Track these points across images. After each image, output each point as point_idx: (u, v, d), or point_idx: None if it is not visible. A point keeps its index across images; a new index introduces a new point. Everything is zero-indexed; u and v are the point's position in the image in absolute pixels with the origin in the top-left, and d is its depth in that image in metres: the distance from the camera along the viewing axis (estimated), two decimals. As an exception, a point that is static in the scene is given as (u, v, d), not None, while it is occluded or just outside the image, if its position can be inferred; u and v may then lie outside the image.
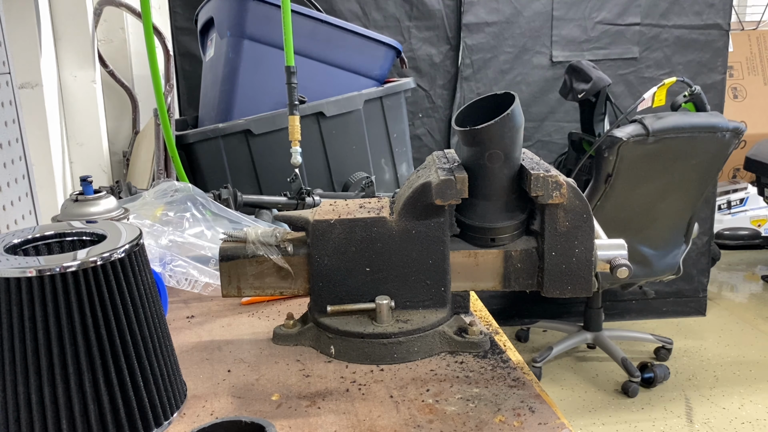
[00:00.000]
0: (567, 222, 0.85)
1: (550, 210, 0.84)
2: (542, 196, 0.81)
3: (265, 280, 0.94)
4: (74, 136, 2.21)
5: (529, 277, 0.89)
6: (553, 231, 0.85)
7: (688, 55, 3.32)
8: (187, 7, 2.88)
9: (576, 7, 3.19)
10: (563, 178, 0.82)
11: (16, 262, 0.67)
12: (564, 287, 0.87)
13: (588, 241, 0.85)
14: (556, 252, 0.86)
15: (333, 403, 0.79)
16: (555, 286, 0.88)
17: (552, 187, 0.81)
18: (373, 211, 0.93)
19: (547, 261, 0.87)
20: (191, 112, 2.70)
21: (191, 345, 0.97)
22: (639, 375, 2.89)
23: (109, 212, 1.09)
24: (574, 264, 0.86)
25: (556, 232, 0.85)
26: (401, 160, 2.27)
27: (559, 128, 3.32)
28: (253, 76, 2.07)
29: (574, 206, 0.84)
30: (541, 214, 0.86)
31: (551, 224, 0.85)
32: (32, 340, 0.64)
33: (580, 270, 0.86)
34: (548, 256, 0.86)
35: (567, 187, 0.82)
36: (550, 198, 0.81)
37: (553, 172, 0.83)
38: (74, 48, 2.17)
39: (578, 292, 0.87)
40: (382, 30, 3.00)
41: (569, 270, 0.86)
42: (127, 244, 0.70)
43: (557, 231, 0.85)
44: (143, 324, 0.71)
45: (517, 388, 0.81)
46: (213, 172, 1.98)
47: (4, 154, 1.33)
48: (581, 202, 0.84)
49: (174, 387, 0.76)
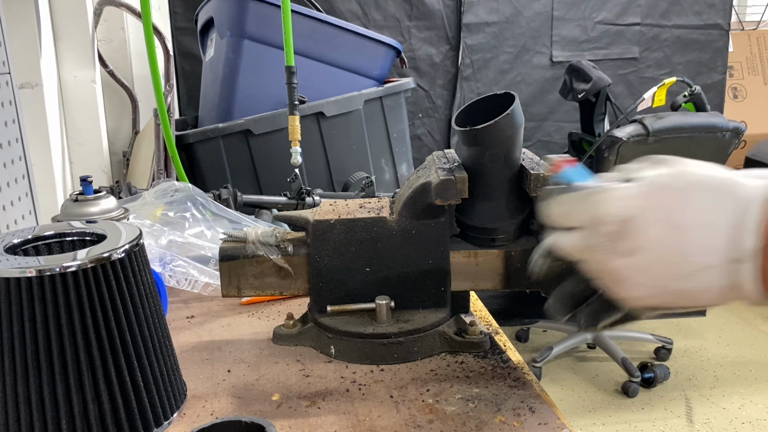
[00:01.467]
0: (567, 222, 0.84)
1: (551, 210, 0.84)
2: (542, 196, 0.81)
3: (265, 280, 0.94)
4: (74, 136, 2.21)
5: (530, 277, 0.89)
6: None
7: (688, 55, 3.32)
8: (187, 7, 2.88)
9: (576, 7, 3.19)
10: (563, 178, 0.82)
11: (16, 262, 0.67)
12: (564, 287, 0.87)
13: (588, 241, 0.85)
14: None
15: (333, 403, 0.79)
16: (555, 286, 0.87)
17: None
18: (373, 211, 0.92)
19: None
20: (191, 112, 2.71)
21: (191, 345, 0.97)
22: (639, 375, 2.89)
23: (109, 212, 1.08)
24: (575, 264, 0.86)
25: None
26: (401, 160, 2.27)
27: (559, 128, 3.32)
28: (253, 76, 2.07)
29: (574, 206, 0.84)
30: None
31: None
32: (32, 340, 0.64)
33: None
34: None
35: (567, 187, 0.82)
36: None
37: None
38: (74, 48, 2.17)
39: (578, 292, 0.87)
40: (382, 30, 3.00)
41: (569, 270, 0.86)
42: (127, 244, 0.70)
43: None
44: (143, 324, 0.71)
45: (517, 388, 0.81)
46: (213, 172, 1.98)
47: (3, 154, 1.32)
48: (581, 202, 0.84)
49: (174, 387, 0.76)
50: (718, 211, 0.47)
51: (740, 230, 0.46)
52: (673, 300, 0.51)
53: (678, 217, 0.49)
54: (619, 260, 0.51)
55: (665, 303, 0.51)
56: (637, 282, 0.51)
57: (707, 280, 0.48)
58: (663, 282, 0.50)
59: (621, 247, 0.51)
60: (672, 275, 0.49)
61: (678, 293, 0.50)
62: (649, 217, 0.50)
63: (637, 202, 0.50)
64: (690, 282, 0.49)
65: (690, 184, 0.49)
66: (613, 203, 0.52)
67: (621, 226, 0.51)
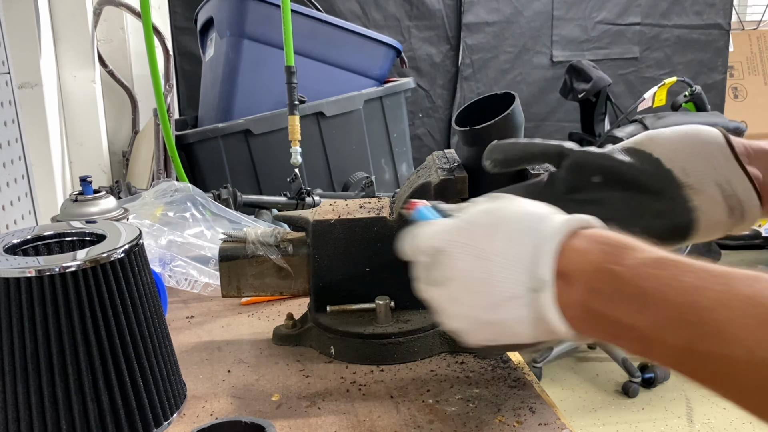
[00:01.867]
0: (567, 222, 0.84)
1: (551, 210, 0.84)
2: (542, 196, 0.81)
3: (264, 280, 0.94)
4: (74, 135, 2.21)
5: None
6: (554, 231, 0.85)
7: (689, 54, 3.32)
8: (186, 6, 2.88)
9: (576, 7, 3.19)
10: (564, 178, 0.82)
11: (16, 262, 0.67)
12: (564, 287, 0.87)
13: (588, 241, 0.85)
14: (556, 252, 0.86)
15: (333, 404, 0.79)
16: (555, 286, 0.87)
17: (552, 187, 0.81)
18: (373, 211, 0.92)
19: (547, 261, 0.86)
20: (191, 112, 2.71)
21: (191, 345, 0.97)
22: (639, 375, 2.88)
23: (109, 212, 1.08)
24: (575, 264, 0.86)
25: (556, 232, 0.85)
26: (401, 160, 2.27)
27: (559, 128, 3.32)
28: (253, 75, 2.07)
29: (575, 206, 0.84)
30: (542, 214, 0.85)
31: (551, 224, 0.85)
32: (32, 340, 0.64)
33: (580, 270, 0.86)
34: (549, 256, 0.86)
35: (567, 187, 0.81)
36: (550, 198, 0.81)
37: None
38: (74, 48, 2.17)
39: (579, 292, 0.87)
40: (382, 30, 3.00)
41: (570, 270, 0.86)
42: (126, 245, 0.70)
43: (558, 231, 0.85)
44: (143, 324, 0.71)
45: (517, 388, 0.81)
46: (213, 172, 1.98)
47: (3, 154, 1.32)
48: (582, 202, 0.84)
49: (174, 387, 0.76)
50: (521, 244, 0.50)
51: (538, 260, 0.49)
52: (491, 333, 0.53)
53: (484, 249, 0.51)
54: (434, 290, 0.55)
55: (485, 336, 0.53)
56: (453, 313, 0.54)
57: (514, 310, 0.50)
58: (474, 312, 0.52)
59: (434, 277, 0.55)
60: (481, 306, 0.52)
61: (491, 325, 0.52)
62: (456, 250, 0.53)
63: (448, 236, 0.54)
64: (499, 313, 0.51)
65: (498, 219, 0.53)
66: (426, 236, 0.56)
67: (432, 258, 0.55)
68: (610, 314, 0.46)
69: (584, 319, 0.48)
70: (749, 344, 0.39)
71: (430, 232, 0.56)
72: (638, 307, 0.45)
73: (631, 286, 0.45)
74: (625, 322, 0.46)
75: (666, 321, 0.43)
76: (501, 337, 0.52)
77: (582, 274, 0.48)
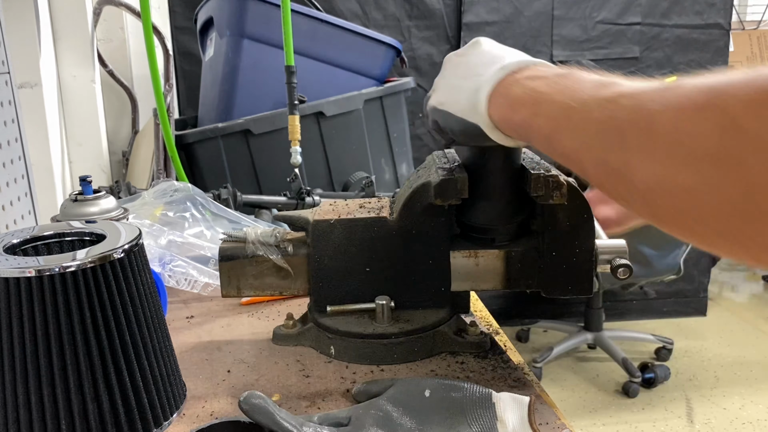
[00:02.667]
0: (567, 222, 0.84)
1: (551, 210, 0.84)
2: (542, 196, 0.81)
3: (264, 280, 0.93)
4: (74, 135, 2.21)
5: (530, 278, 0.89)
6: (554, 231, 0.85)
7: (689, 54, 3.32)
8: (186, 6, 2.88)
9: (576, 7, 3.19)
10: (563, 178, 0.82)
11: (16, 262, 0.67)
12: (565, 287, 0.87)
13: (589, 242, 0.85)
14: (556, 252, 0.85)
15: (333, 404, 0.79)
16: (556, 286, 0.87)
17: (552, 187, 0.81)
18: (373, 211, 0.92)
19: (547, 261, 0.86)
20: (191, 112, 2.70)
21: (191, 345, 0.97)
22: (640, 375, 2.89)
23: (109, 212, 1.08)
24: (575, 264, 0.86)
25: (556, 232, 0.85)
26: (401, 160, 2.27)
27: (559, 128, 3.31)
28: (253, 75, 2.07)
29: (575, 206, 0.83)
30: (542, 214, 0.85)
31: (552, 224, 0.85)
32: (31, 340, 0.64)
33: (580, 270, 0.86)
34: (549, 256, 0.86)
35: (567, 187, 0.81)
36: (550, 198, 0.81)
37: (553, 172, 0.82)
38: (74, 48, 2.17)
39: (579, 292, 0.87)
40: (382, 29, 2.99)
41: (570, 270, 0.86)
42: (126, 244, 0.70)
43: (558, 231, 0.85)
44: (143, 324, 0.71)
45: (517, 388, 0.81)
46: (213, 172, 1.97)
47: (3, 153, 1.32)
48: (582, 202, 0.84)
49: (173, 387, 0.76)
50: (482, 58, 0.74)
51: (489, 71, 0.70)
52: (453, 96, 0.75)
53: (460, 60, 0.78)
54: (437, 82, 0.81)
55: (448, 98, 0.76)
56: (440, 85, 0.80)
57: (468, 89, 0.72)
58: (452, 81, 0.77)
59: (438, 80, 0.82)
60: (459, 76, 0.76)
61: (454, 88, 0.75)
62: (448, 64, 0.81)
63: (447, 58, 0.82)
64: (462, 85, 0.73)
65: (471, 50, 0.78)
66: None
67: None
68: (515, 117, 0.65)
69: (504, 119, 0.67)
70: (583, 98, 0.56)
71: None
72: (534, 109, 0.62)
73: (528, 94, 0.64)
74: (530, 123, 0.64)
75: (545, 113, 0.61)
76: (455, 105, 0.74)
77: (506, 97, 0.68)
